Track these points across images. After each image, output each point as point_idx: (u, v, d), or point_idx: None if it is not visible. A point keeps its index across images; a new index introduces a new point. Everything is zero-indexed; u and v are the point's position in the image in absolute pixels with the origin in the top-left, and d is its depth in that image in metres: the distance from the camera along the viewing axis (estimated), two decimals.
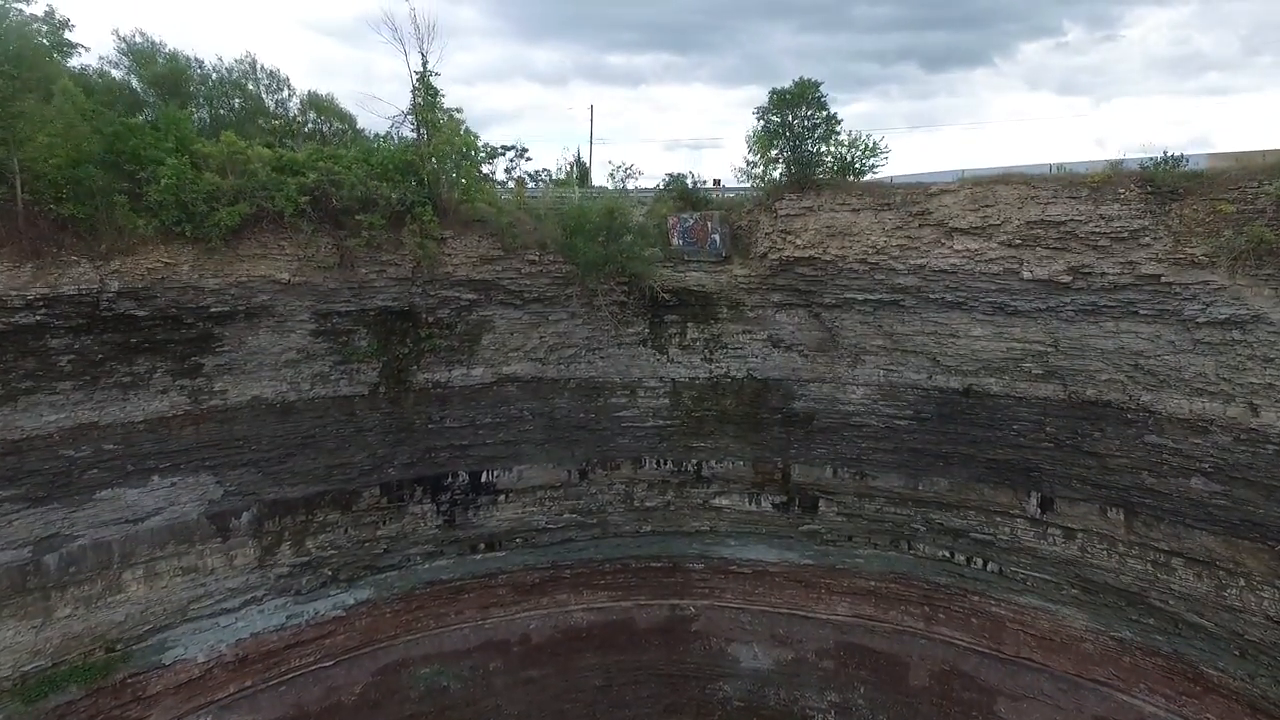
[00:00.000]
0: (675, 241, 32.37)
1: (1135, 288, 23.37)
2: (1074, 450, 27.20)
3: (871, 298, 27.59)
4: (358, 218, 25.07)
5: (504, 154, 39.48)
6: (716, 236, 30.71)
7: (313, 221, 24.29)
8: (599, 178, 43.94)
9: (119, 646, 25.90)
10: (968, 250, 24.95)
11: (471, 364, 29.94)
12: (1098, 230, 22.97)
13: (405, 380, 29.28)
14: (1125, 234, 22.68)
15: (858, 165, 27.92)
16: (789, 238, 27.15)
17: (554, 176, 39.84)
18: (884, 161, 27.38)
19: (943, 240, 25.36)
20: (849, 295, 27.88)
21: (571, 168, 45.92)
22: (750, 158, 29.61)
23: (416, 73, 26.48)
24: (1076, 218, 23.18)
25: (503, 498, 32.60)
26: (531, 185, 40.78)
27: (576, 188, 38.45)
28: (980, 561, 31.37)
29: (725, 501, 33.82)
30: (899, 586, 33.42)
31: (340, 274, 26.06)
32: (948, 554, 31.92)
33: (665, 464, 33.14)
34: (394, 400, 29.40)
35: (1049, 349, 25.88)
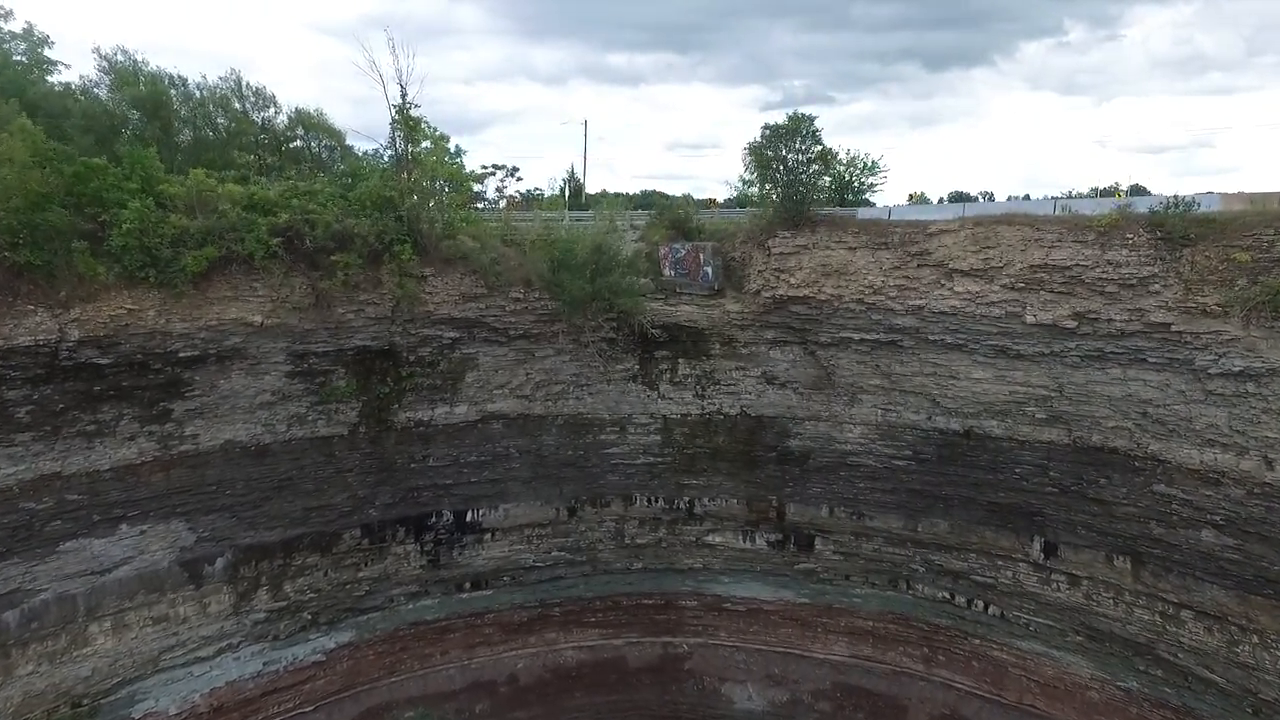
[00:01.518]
0: (666, 272, 31.24)
1: (1144, 335, 22.19)
2: (1079, 496, 26.05)
3: (869, 337, 26.44)
4: (333, 258, 23.90)
5: (494, 173, 38.38)
6: (709, 269, 29.56)
7: (285, 264, 23.09)
8: (594, 184, 42.57)
9: (85, 702, 24.81)
10: (968, 292, 23.79)
11: (455, 402, 28.84)
12: (1105, 276, 21.80)
13: (386, 420, 28.18)
14: (1134, 280, 21.50)
15: (856, 184, 26.74)
16: (782, 276, 26.00)
17: (546, 194, 38.62)
18: (883, 180, 26.27)
19: (942, 281, 24.20)
20: (845, 335, 26.73)
21: (564, 187, 44.83)
22: (746, 176, 28.46)
23: (395, 106, 25.29)
24: (1082, 262, 22.00)
25: (489, 536, 31.52)
26: (520, 197, 39.63)
27: (567, 211, 37.34)
28: (981, 604, 30.23)
29: (718, 539, 32.71)
30: (897, 627, 32.32)
31: (316, 314, 24.92)
32: (948, 595, 30.79)
33: (656, 501, 32.03)
34: (375, 440, 28.31)
35: (1053, 394, 24.72)
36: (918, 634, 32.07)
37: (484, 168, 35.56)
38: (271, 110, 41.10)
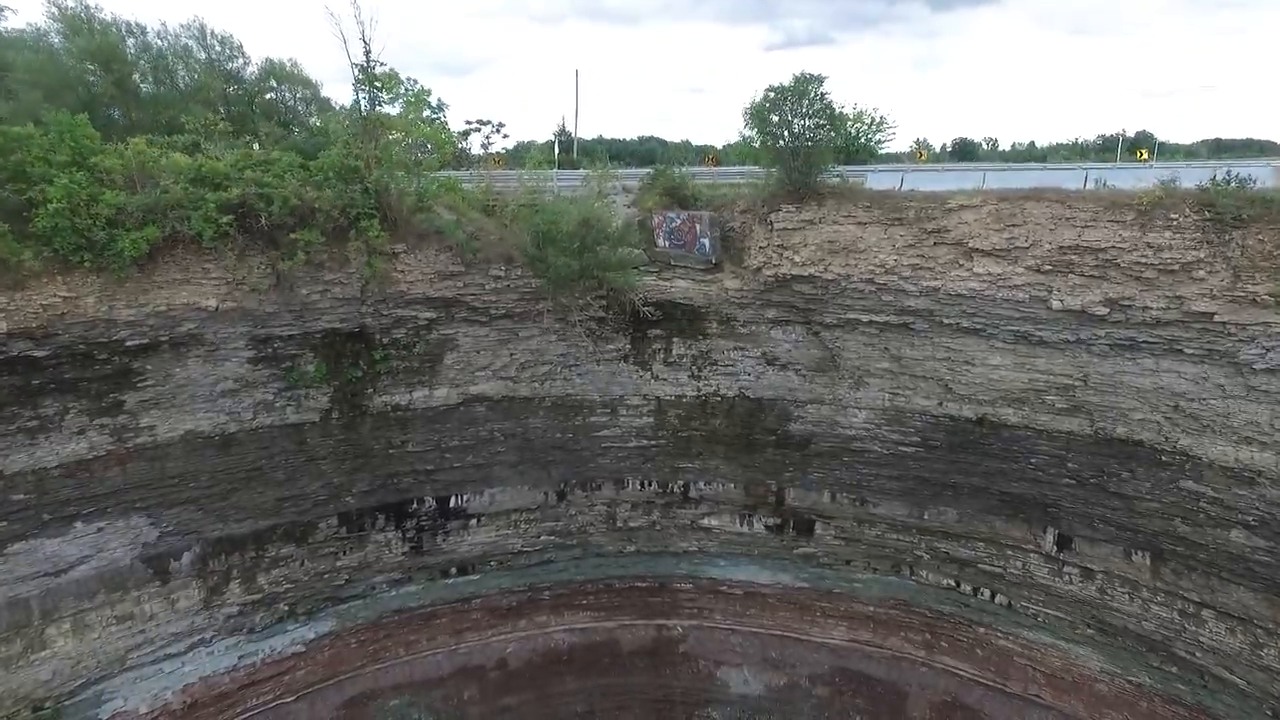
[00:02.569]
0: (661, 242, 28.80)
1: (1182, 325, 19.98)
2: (1098, 489, 24.15)
3: (878, 319, 24.20)
4: (293, 235, 21.49)
5: (479, 129, 35.49)
6: (706, 241, 27.11)
7: (239, 243, 20.70)
8: (589, 130, 39.69)
9: (48, 704, 23.27)
10: (989, 274, 21.47)
11: (434, 385, 26.72)
12: (1143, 260, 19.47)
13: (360, 405, 26.11)
14: (1175, 265, 19.18)
15: (863, 140, 24.20)
16: (785, 253, 23.61)
17: (536, 147, 35.79)
18: (890, 136, 23.73)
19: (961, 261, 21.86)
20: (852, 316, 24.48)
21: (554, 141, 41.96)
22: (746, 132, 25.80)
23: (357, 66, 22.54)
24: (1119, 244, 19.65)
25: (474, 522, 29.75)
26: (505, 154, 36.85)
27: (555, 172, 34.64)
28: (988, 593, 28.64)
29: (715, 522, 30.97)
30: (899, 613, 30.80)
31: (278, 296, 22.64)
32: (953, 583, 29.18)
33: (650, 485, 30.18)
34: (349, 426, 26.28)
35: (1076, 383, 22.60)
36: (920, 620, 30.57)
37: (469, 123, 32.62)
38: (240, 61, 38.02)
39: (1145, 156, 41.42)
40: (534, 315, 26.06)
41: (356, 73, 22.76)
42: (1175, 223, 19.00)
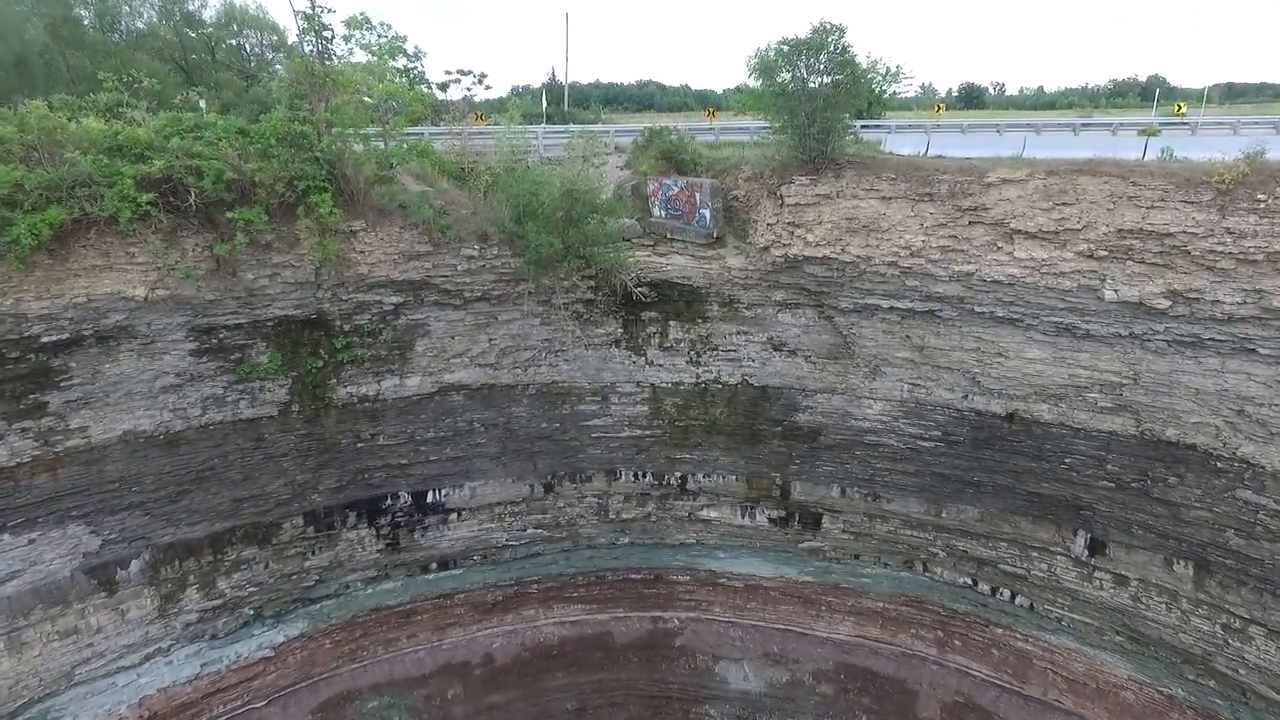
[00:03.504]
0: (656, 212, 25.64)
1: (1259, 322, 17.00)
2: (1140, 494, 21.50)
3: (900, 305, 21.20)
4: (230, 214, 18.34)
5: (459, 80, 31.86)
6: (706, 212, 23.93)
7: (163, 227, 17.58)
8: (583, 74, 35.93)
9: None
10: (1032, 259, 18.41)
11: (405, 373, 23.86)
12: (1219, 248, 16.39)
13: (323, 396, 23.29)
14: (1259, 256, 16.11)
15: (878, 92, 20.83)
16: (798, 231, 20.47)
17: (512, 108, 32.22)
18: (906, 88, 20.33)
19: (1000, 244, 18.78)
20: (871, 301, 21.48)
21: (541, 94, 38.22)
22: (752, 83, 22.27)
23: (300, 13, 19.06)
24: (1191, 229, 16.54)
25: (454, 516, 27.21)
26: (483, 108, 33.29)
27: (542, 131, 31.15)
28: (1007, 593, 26.25)
29: (714, 514, 28.44)
30: (910, 609, 28.50)
31: (218, 283, 19.62)
32: (969, 581, 26.78)
33: (644, 476, 27.57)
34: (311, 419, 23.51)
35: (1125, 381, 19.73)
36: (932, 617, 28.28)
37: (448, 73, 29.10)
38: (195, 3, 34.11)
39: (1183, 110, 37.60)
40: (514, 298, 23.06)
41: (300, 20, 19.29)
42: (1264, 205, 15.87)
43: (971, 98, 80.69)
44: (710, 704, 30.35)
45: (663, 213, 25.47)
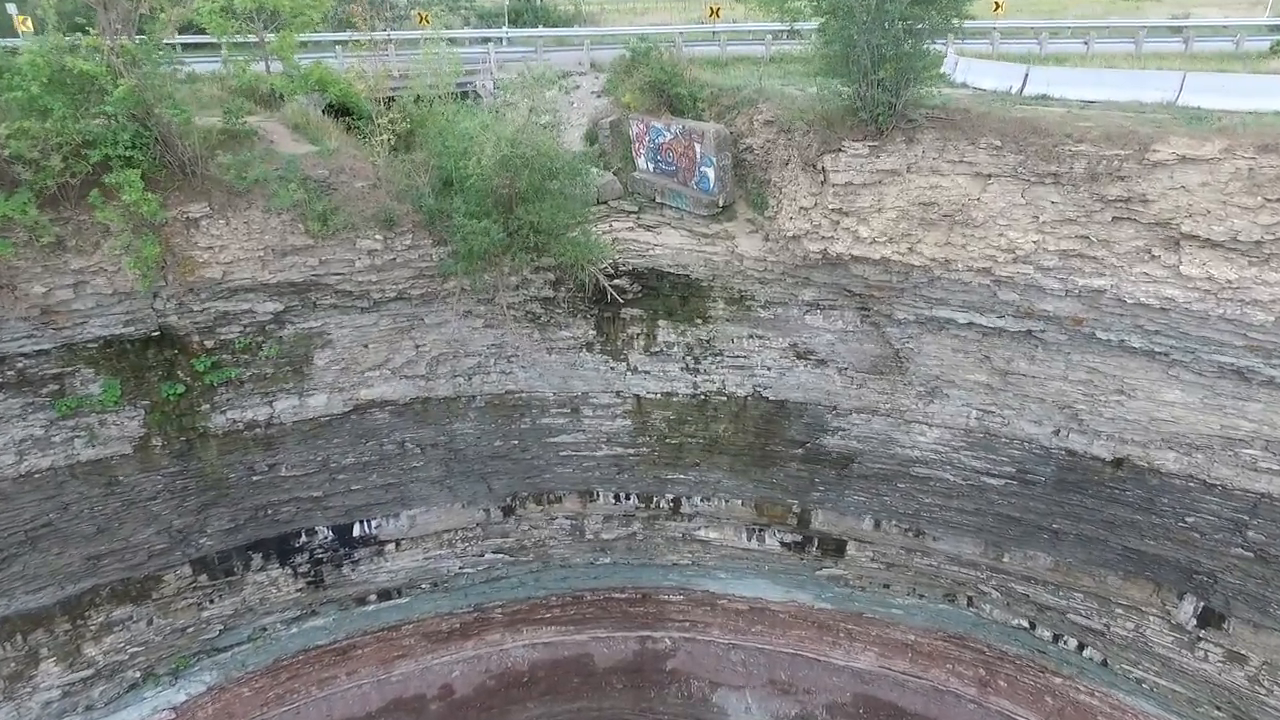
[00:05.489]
0: (642, 164, 18.60)
1: None
2: None
3: (983, 322, 14.62)
4: None
5: None
6: (709, 170, 16.92)
7: None
8: None
9: None
10: (1209, 280, 11.74)
11: (306, 392, 17.51)
12: None
13: (193, 426, 17.04)
14: None
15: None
16: (845, 221, 13.62)
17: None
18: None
19: (1157, 253, 12.05)
20: (942, 314, 14.88)
21: None
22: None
23: None
24: None
25: (391, 547, 21.51)
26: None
27: (495, 47, 23.47)
28: (1074, 643, 20.90)
29: (714, 534, 22.78)
30: (948, 645, 23.26)
31: None
32: (1026, 624, 21.39)
33: (628, 499, 21.72)
34: (182, 455, 17.35)
35: None
36: (974, 655, 23.07)
37: None
38: None
39: None
40: (443, 295, 16.39)
41: None
42: None
43: None
44: None
45: (650, 165, 18.43)
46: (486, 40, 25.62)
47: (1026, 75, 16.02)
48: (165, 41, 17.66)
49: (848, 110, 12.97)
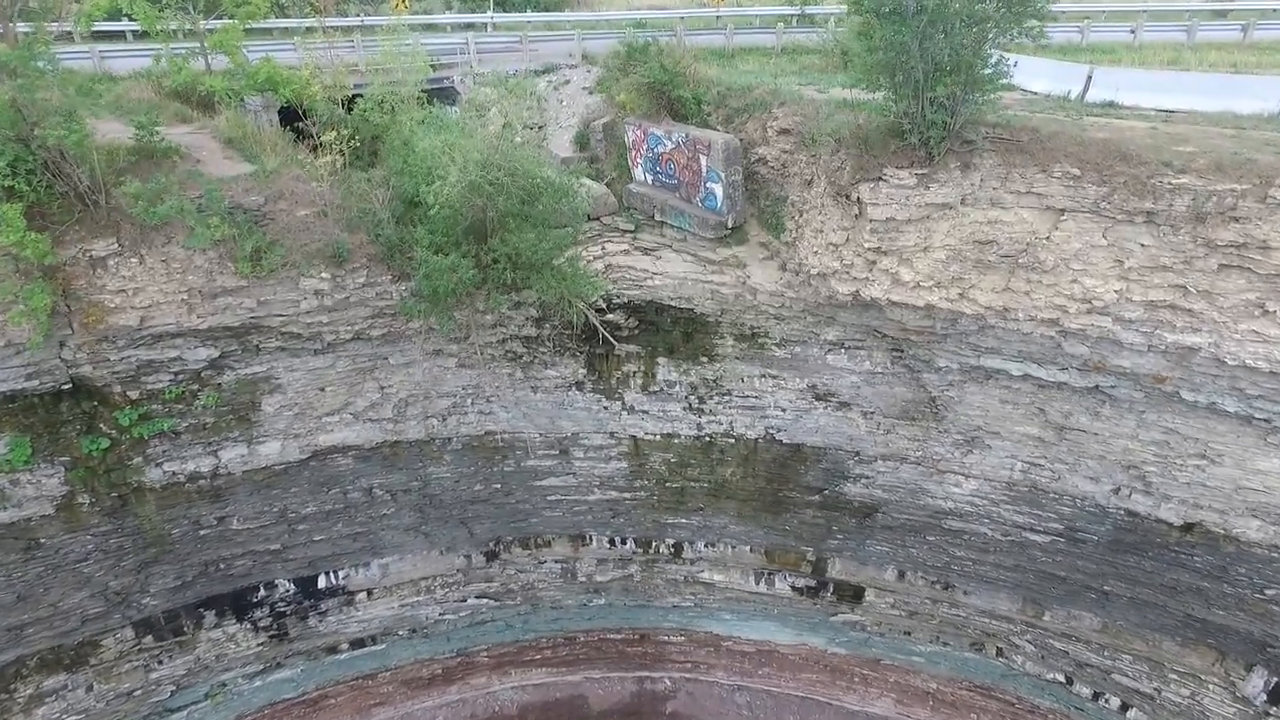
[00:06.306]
0: (639, 174, 16.15)
1: None
2: None
3: (1041, 375, 12.30)
4: None
5: None
6: (716, 187, 14.50)
7: None
8: None
9: None
10: None
11: (255, 440, 15.21)
12: None
13: (126, 481, 14.78)
14: None
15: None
16: (884, 261, 11.24)
17: None
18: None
19: (1272, 307, 9.73)
20: (994, 364, 12.55)
21: None
22: None
23: None
24: None
25: (363, 596, 19.35)
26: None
27: (491, 19, 20.95)
28: (1116, 702, 18.84)
29: (719, 577, 20.64)
30: (974, 695, 21.28)
31: None
32: (1062, 679, 19.31)
33: (624, 543, 19.54)
34: (114, 512, 15.11)
35: None
36: (1003, 706, 21.10)
37: None
38: None
39: None
40: (408, 335, 14.04)
41: None
42: None
43: None
44: None
45: (649, 177, 15.97)
46: (470, 26, 23.03)
47: (1090, 77, 13.53)
48: (93, 29, 15.17)
49: (891, 130, 10.53)
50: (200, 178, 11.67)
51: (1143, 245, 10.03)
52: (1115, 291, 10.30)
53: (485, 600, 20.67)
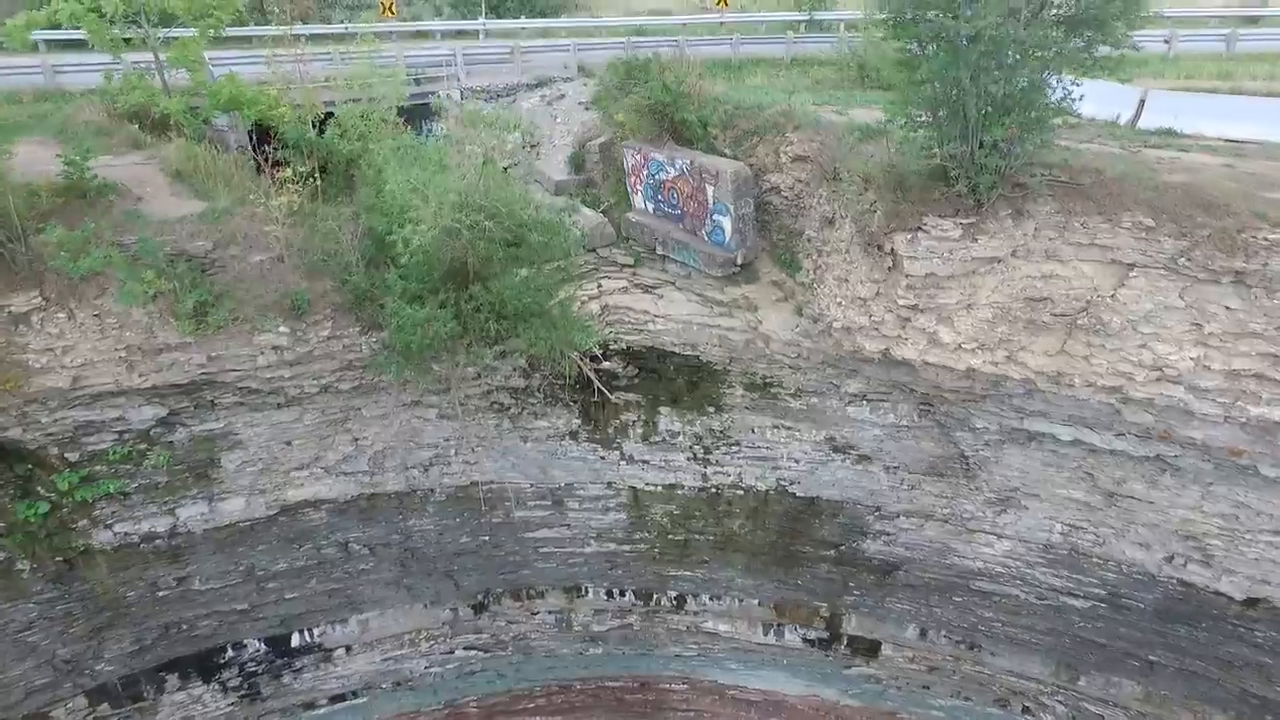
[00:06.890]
0: (639, 203, 14.70)
1: None
2: None
3: (1094, 441, 10.83)
4: None
5: None
6: (724, 220, 13.04)
7: None
8: None
9: None
10: None
11: (216, 497, 13.78)
12: None
13: (72, 545, 13.34)
14: None
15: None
16: (921, 320, 9.76)
17: None
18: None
19: None
20: (1039, 429, 11.08)
21: None
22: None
23: None
24: None
25: (341, 652, 17.90)
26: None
27: (482, 27, 19.44)
28: None
29: (724, 627, 19.18)
30: None
31: None
32: None
33: (622, 595, 18.10)
34: (59, 577, 13.68)
35: None
36: None
37: None
38: None
39: None
40: (382, 386, 12.57)
41: None
42: None
43: None
44: None
45: (649, 206, 14.51)
46: (461, 34, 21.58)
47: (1143, 101, 12.04)
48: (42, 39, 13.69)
49: (933, 174, 9.05)
50: (139, 219, 10.20)
51: (1228, 309, 8.57)
52: (1192, 359, 8.83)
53: (474, 652, 19.23)
